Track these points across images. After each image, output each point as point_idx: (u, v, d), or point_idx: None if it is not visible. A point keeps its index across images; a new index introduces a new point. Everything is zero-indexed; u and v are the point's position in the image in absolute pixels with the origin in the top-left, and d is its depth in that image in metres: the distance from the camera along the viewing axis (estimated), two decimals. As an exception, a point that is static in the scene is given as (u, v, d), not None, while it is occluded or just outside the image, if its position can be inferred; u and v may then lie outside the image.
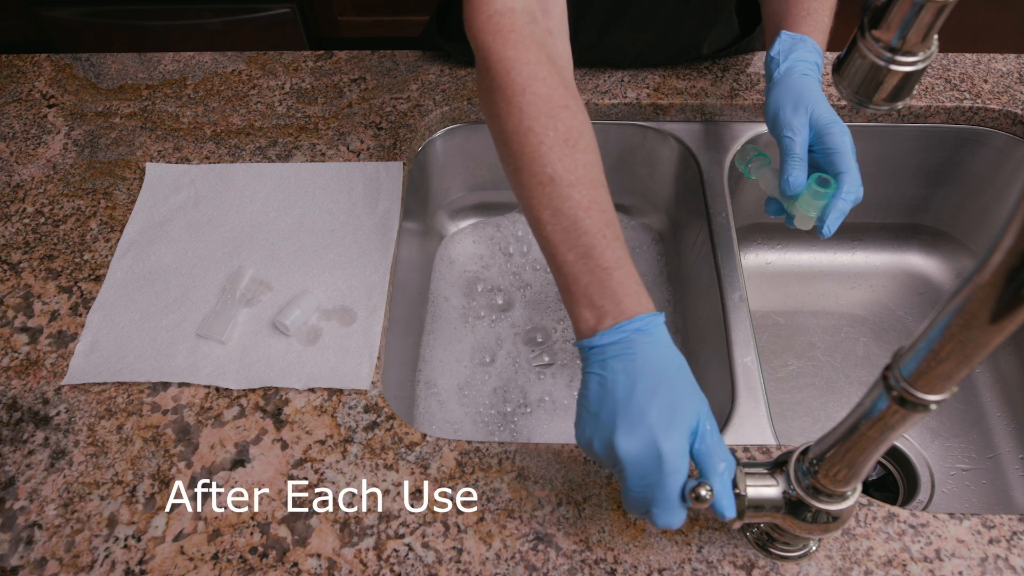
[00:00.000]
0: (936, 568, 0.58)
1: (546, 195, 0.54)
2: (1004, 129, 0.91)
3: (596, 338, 0.51)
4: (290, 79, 0.94)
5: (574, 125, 0.55)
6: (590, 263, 0.52)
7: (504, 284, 0.99)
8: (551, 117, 0.55)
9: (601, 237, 0.53)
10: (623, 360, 0.50)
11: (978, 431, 0.90)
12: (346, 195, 0.82)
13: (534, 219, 0.55)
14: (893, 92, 0.52)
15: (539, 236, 0.56)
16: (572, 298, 0.53)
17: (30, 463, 0.65)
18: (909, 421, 0.42)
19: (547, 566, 0.58)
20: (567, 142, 0.55)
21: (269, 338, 0.71)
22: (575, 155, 0.54)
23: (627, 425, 0.49)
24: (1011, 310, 0.33)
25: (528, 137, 0.55)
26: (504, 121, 0.57)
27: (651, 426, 0.49)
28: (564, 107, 0.56)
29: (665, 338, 0.52)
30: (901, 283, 1.03)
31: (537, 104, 0.55)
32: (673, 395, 0.50)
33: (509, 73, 0.56)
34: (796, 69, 0.70)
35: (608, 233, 0.53)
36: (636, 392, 0.49)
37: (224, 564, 0.59)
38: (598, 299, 0.52)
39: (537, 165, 0.54)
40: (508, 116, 0.56)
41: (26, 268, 0.77)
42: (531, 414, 0.87)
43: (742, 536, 0.59)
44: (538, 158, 0.54)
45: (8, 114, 0.92)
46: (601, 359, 0.51)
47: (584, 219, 0.53)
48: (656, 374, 0.50)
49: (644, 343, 0.51)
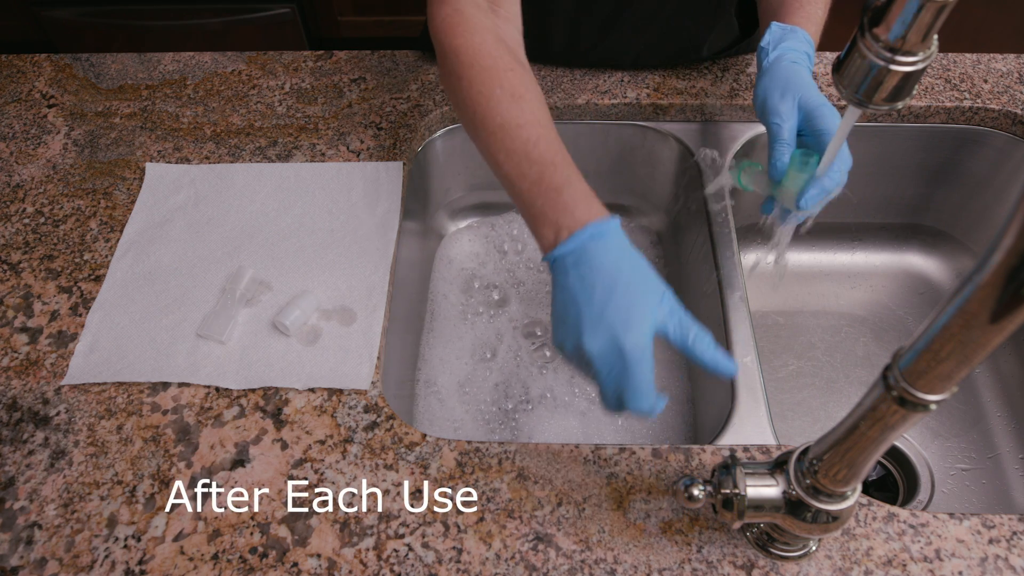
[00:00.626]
0: (936, 568, 0.58)
1: (498, 140, 0.61)
2: (1004, 129, 0.91)
3: (555, 250, 0.56)
4: (290, 79, 0.94)
5: (518, 83, 0.62)
6: (542, 186, 0.58)
7: (499, 281, 0.99)
8: (497, 80, 0.62)
9: (549, 164, 0.59)
10: (580, 267, 0.55)
11: (978, 431, 0.90)
12: (346, 195, 0.82)
13: (493, 163, 0.62)
14: (893, 92, 0.52)
15: (499, 176, 0.62)
16: (532, 221, 0.59)
17: (30, 463, 0.65)
18: (909, 421, 0.42)
19: (547, 566, 0.58)
20: (513, 97, 0.62)
21: (269, 338, 0.71)
22: (522, 105, 0.61)
23: (590, 327, 0.54)
24: (1011, 310, 0.33)
25: (478, 99, 0.62)
26: (459, 95, 0.64)
27: (611, 324, 0.53)
28: (509, 70, 0.63)
29: (619, 240, 0.56)
30: (901, 283, 1.03)
31: (483, 72, 0.63)
32: (629, 293, 0.54)
33: (459, 55, 0.64)
34: (785, 57, 0.70)
35: (557, 160, 0.59)
36: (595, 295, 0.54)
37: (224, 564, 0.59)
38: (552, 215, 0.57)
39: (488, 118, 0.62)
40: (460, 88, 0.64)
41: (26, 268, 0.77)
42: (532, 411, 0.87)
43: (742, 536, 0.59)
44: (488, 112, 0.62)
45: (8, 114, 0.92)
46: (562, 268, 0.56)
47: (532, 151, 0.59)
48: (611, 276, 0.54)
49: (598, 249, 0.55)
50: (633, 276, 0.55)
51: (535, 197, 0.59)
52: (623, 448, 0.64)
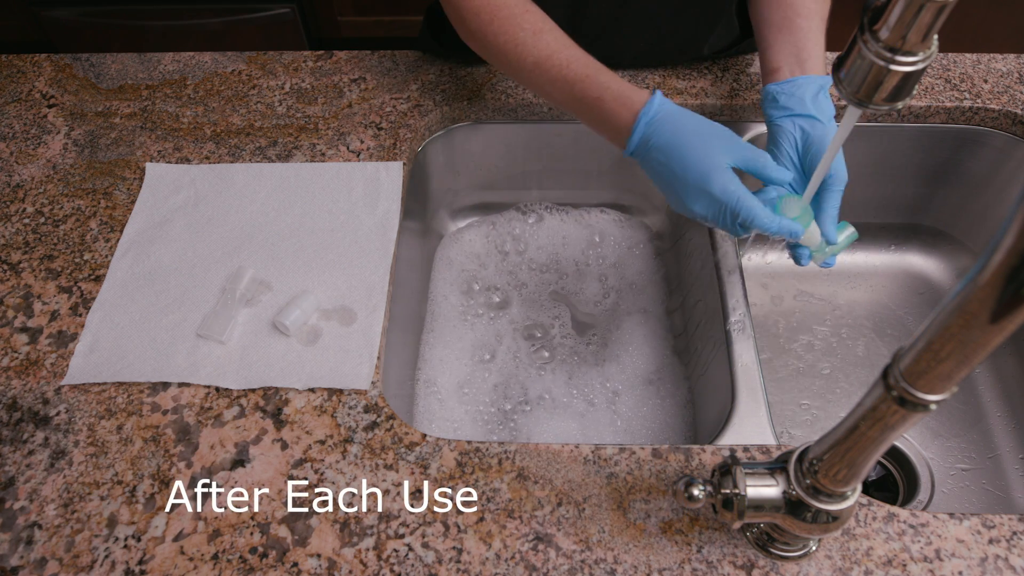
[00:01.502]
0: (936, 568, 0.58)
1: (538, 75, 0.72)
2: (1004, 129, 0.91)
3: (626, 151, 0.68)
4: (290, 79, 0.94)
5: (535, 20, 0.72)
6: (587, 100, 0.70)
7: (500, 283, 0.99)
8: (517, 24, 0.72)
9: (584, 79, 0.70)
10: (651, 152, 0.66)
11: (978, 431, 0.90)
12: (346, 195, 0.82)
13: (543, 94, 0.74)
14: (893, 92, 0.52)
15: (553, 103, 0.74)
16: (598, 129, 0.71)
17: (30, 463, 0.65)
18: (909, 421, 0.42)
19: (547, 566, 0.58)
20: (535, 33, 0.72)
21: (269, 338, 0.71)
22: (545, 38, 0.72)
23: (684, 194, 0.65)
24: (1011, 310, 0.33)
25: (508, 47, 0.72)
26: (491, 48, 0.74)
27: (696, 184, 0.64)
28: (525, 12, 0.72)
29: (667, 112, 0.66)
30: (901, 283, 1.03)
31: (504, 23, 0.72)
32: (696, 153, 0.64)
33: (479, 14, 0.73)
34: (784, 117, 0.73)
35: (590, 72, 0.70)
36: (674, 168, 0.65)
37: (224, 564, 0.59)
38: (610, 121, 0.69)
39: (523, 59, 0.72)
40: (488, 42, 0.74)
41: (26, 268, 0.77)
42: (531, 412, 0.87)
43: (742, 536, 0.59)
44: (521, 54, 0.72)
45: (8, 114, 0.92)
46: (642, 159, 0.68)
47: (568, 74, 0.70)
48: (678, 147, 0.65)
49: (655, 130, 0.66)
50: (693, 138, 0.65)
51: (590, 110, 0.70)
52: (623, 448, 0.64)
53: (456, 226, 1.05)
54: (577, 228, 1.03)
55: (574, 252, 1.01)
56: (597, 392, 0.88)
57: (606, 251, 1.01)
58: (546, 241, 1.02)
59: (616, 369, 0.90)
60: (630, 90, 0.68)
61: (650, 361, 0.90)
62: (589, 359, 0.92)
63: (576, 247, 1.02)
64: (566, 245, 1.02)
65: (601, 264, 1.00)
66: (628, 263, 1.01)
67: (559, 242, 1.02)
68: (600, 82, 0.69)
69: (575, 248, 1.02)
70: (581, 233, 1.03)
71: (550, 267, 1.00)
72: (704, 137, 0.65)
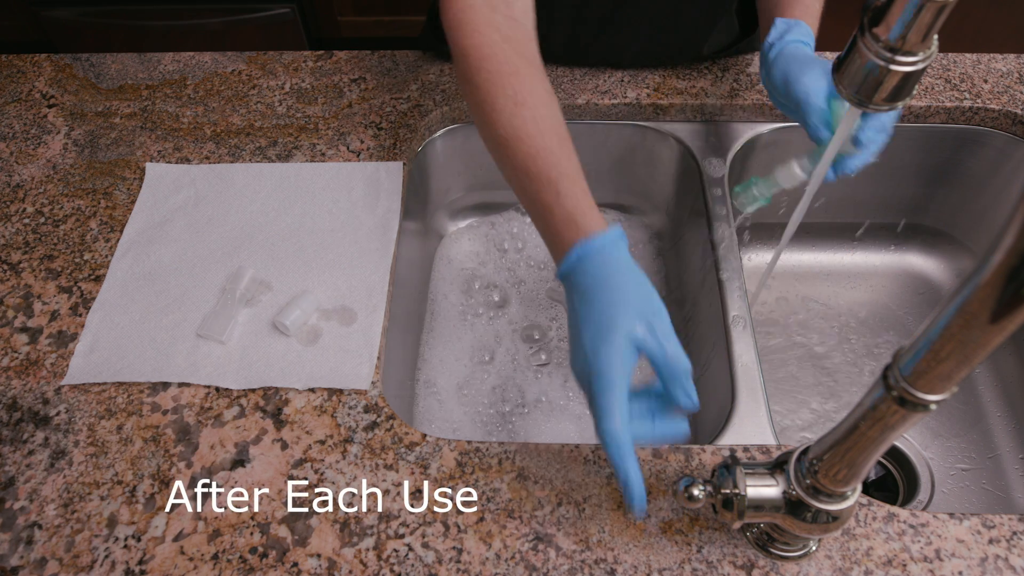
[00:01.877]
0: (936, 568, 0.58)
1: (502, 152, 0.61)
2: (1004, 129, 0.91)
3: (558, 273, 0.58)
4: (290, 79, 0.94)
5: (522, 88, 0.61)
6: (538, 205, 0.59)
7: (500, 281, 0.99)
8: (501, 86, 0.61)
9: (545, 181, 0.58)
10: (572, 291, 0.56)
11: (978, 431, 0.90)
12: (346, 195, 0.82)
13: (503, 175, 0.63)
14: (893, 92, 0.52)
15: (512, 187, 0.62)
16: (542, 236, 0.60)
17: (30, 463, 0.65)
18: (909, 421, 0.42)
19: (547, 566, 0.58)
20: (516, 104, 0.60)
21: (269, 338, 0.71)
22: (523, 113, 0.60)
23: (574, 350, 0.55)
24: (1011, 310, 0.33)
25: (483, 107, 0.62)
26: (470, 100, 0.64)
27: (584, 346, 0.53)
28: (513, 74, 0.61)
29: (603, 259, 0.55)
30: (901, 283, 1.03)
31: (490, 77, 0.62)
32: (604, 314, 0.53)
33: (467, 59, 0.63)
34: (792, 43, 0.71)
35: (552, 175, 0.58)
36: (578, 319, 0.55)
37: (224, 564, 0.59)
38: (548, 236, 0.59)
39: (494, 127, 0.61)
40: (470, 94, 0.64)
41: (26, 268, 0.77)
42: (528, 414, 0.87)
43: (742, 536, 0.59)
44: (494, 121, 0.61)
45: (8, 114, 0.92)
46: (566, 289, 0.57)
47: (531, 167, 0.59)
48: (590, 297, 0.54)
49: (584, 270, 0.55)
50: (612, 295, 0.54)
51: (536, 215, 0.59)
52: (623, 448, 0.64)
53: (456, 226, 1.05)
54: (577, 228, 1.03)
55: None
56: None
57: (606, 251, 1.01)
58: (545, 240, 1.02)
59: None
60: (584, 211, 0.57)
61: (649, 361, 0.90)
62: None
63: (576, 247, 1.02)
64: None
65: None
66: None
67: (559, 242, 1.02)
68: (559, 191, 0.57)
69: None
70: (581, 233, 1.03)
71: (548, 264, 1.00)
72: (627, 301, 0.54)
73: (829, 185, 0.70)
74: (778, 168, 0.72)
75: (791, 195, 0.73)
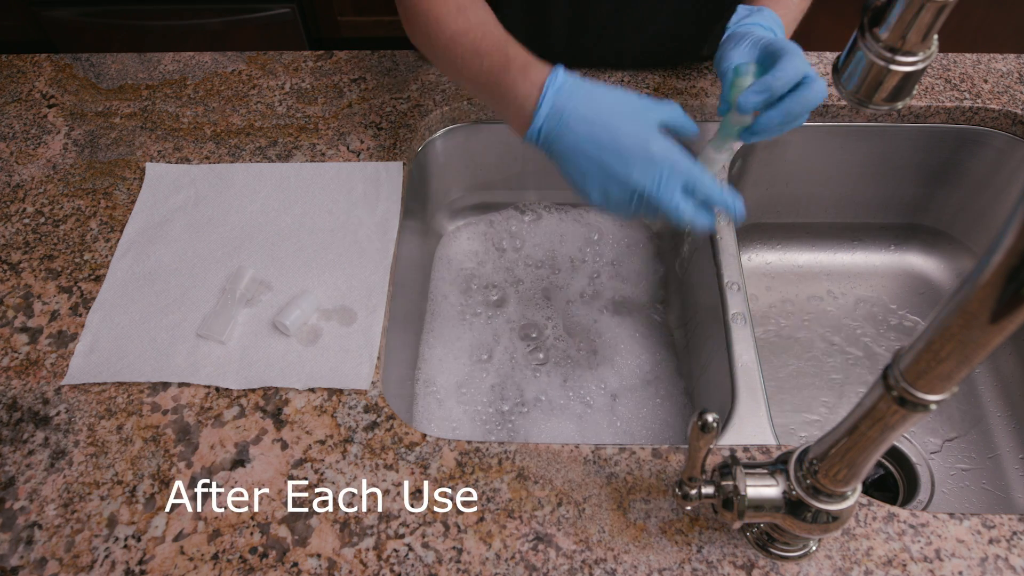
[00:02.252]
0: (936, 568, 0.58)
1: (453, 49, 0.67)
2: (1004, 129, 0.91)
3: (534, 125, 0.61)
4: (290, 79, 0.94)
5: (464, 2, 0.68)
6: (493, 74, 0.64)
7: (498, 280, 0.99)
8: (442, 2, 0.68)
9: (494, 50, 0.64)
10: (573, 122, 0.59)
11: (978, 431, 0.90)
12: (346, 195, 0.82)
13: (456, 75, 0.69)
14: (893, 92, 0.52)
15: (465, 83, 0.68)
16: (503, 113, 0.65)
17: (30, 463, 0.65)
18: (909, 421, 0.42)
19: (547, 566, 0.58)
20: (459, 9, 0.67)
21: (269, 338, 0.71)
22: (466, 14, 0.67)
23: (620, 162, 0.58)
24: (1011, 310, 0.33)
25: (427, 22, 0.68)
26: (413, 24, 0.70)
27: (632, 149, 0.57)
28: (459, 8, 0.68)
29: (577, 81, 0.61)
30: (901, 283, 1.03)
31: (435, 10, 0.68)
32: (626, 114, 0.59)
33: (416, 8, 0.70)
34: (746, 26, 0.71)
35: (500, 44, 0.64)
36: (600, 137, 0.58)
37: (224, 564, 0.59)
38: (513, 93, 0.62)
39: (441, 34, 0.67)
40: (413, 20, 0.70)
41: (26, 268, 0.77)
42: (528, 414, 0.87)
43: (742, 536, 0.59)
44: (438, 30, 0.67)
45: (8, 114, 0.92)
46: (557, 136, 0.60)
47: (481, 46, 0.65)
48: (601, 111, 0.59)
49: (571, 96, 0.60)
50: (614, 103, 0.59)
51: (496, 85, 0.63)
52: (623, 448, 0.64)
53: (455, 225, 1.05)
54: (575, 227, 1.03)
55: (571, 250, 1.01)
56: (594, 393, 0.88)
57: (604, 249, 1.01)
58: (543, 239, 1.02)
59: (615, 369, 0.90)
60: (538, 63, 0.63)
61: (649, 361, 0.90)
62: (586, 360, 0.92)
63: (573, 245, 1.02)
64: (563, 243, 1.02)
65: (599, 262, 1.00)
66: (627, 262, 1.01)
67: (556, 240, 1.02)
68: (508, 53, 0.64)
69: (572, 246, 1.02)
70: (579, 231, 1.03)
71: (546, 263, 1.00)
72: (624, 99, 0.60)
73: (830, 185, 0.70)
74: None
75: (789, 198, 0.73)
